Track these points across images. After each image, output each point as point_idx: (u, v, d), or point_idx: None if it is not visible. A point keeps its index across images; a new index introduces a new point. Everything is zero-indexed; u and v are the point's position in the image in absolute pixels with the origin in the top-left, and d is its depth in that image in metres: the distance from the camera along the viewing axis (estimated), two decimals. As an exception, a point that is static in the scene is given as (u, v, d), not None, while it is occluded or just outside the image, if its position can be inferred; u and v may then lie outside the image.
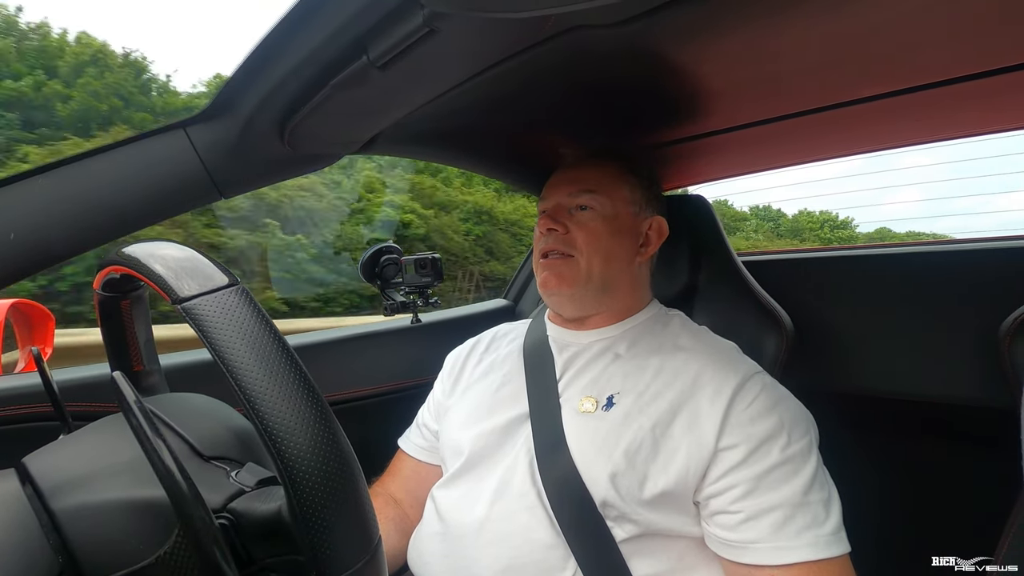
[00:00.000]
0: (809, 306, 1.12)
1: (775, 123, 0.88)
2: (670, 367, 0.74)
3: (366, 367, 1.16)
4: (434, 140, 0.98)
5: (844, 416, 0.97)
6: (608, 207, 0.81)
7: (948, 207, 62.94)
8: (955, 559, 0.77)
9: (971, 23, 0.59)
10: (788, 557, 0.59)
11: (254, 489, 0.40)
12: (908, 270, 1.07)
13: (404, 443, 0.95)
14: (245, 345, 0.34)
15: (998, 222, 31.30)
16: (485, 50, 0.61)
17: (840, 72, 0.72)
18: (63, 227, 0.68)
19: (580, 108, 0.88)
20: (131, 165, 0.71)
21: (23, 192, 0.65)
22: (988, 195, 42.10)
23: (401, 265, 1.21)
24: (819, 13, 0.57)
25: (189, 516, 0.32)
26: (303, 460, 0.32)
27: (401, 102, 0.70)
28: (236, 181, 0.79)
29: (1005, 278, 0.94)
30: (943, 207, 54.49)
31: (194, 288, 0.37)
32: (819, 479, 0.64)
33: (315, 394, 0.35)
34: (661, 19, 0.57)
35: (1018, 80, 0.69)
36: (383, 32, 0.53)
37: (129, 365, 0.56)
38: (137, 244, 0.43)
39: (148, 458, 0.32)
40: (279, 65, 0.62)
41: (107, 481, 0.39)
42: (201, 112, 0.72)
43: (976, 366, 0.97)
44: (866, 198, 16.97)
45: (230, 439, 0.46)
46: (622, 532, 0.66)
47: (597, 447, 0.69)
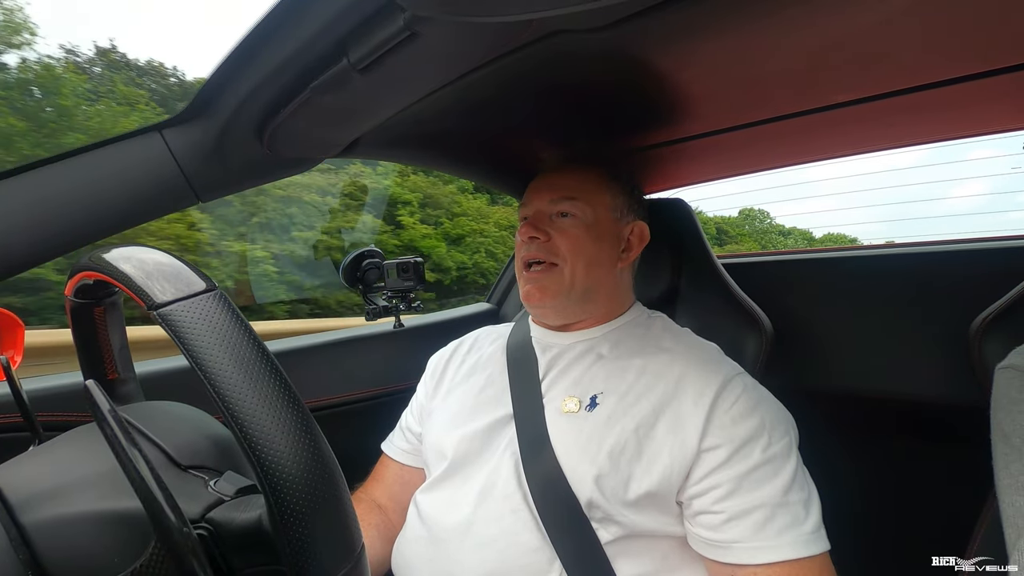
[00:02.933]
0: (788, 307, 1.14)
1: (755, 127, 0.89)
2: (653, 368, 0.74)
3: (348, 372, 1.15)
4: (416, 143, 0.98)
5: (823, 415, 0.99)
6: (590, 214, 0.82)
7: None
8: (955, 559, 0.78)
9: (942, 32, 0.61)
10: (769, 556, 0.60)
11: (233, 498, 0.40)
12: (883, 272, 1.10)
13: (387, 447, 0.94)
14: (224, 351, 0.33)
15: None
16: (467, 54, 0.61)
17: (817, 78, 0.74)
18: (34, 232, 0.66)
19: (562, 112, 0.88)
20: (105, 168, 0.69)
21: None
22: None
23: (383, 269, 1.20)
24: (796, 21, 0.59)
25: (166, 527, 0.31)
26: (283, 467, 0.32)
27: (382, 105, 0.70)
28: (214, 184, 0.78)
29: (975, 278, 0.97)
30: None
31: (170, 293, 0.36)
32: (799, 479, 0.65)
33: (295, 400, 0.34)
34: (641, 24, 0.58)
35: (988, 86, 0.72)
36: (364, 35, 0.53)
37: (103, 373, 0.54)
38: (110, 248, 0.42)
39: (123, 468, 0.32)
40: (258, 67, 0.61)
41: (79, 493, 0.38)
42: (177, 115, 0.71)
43: (949, 365, 1.00)
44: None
45: (208, 447, 0.45)
46: (607, 533, 0.66)
47: (581, 447, 0.69)
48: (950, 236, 1.15)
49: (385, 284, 1.20)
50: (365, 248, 1.20)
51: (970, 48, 0.65)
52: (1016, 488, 0.59)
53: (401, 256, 1.19)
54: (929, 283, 1.04)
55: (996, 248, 1.02)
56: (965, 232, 3.65)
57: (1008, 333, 0.80)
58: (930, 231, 24.51)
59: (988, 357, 0.81)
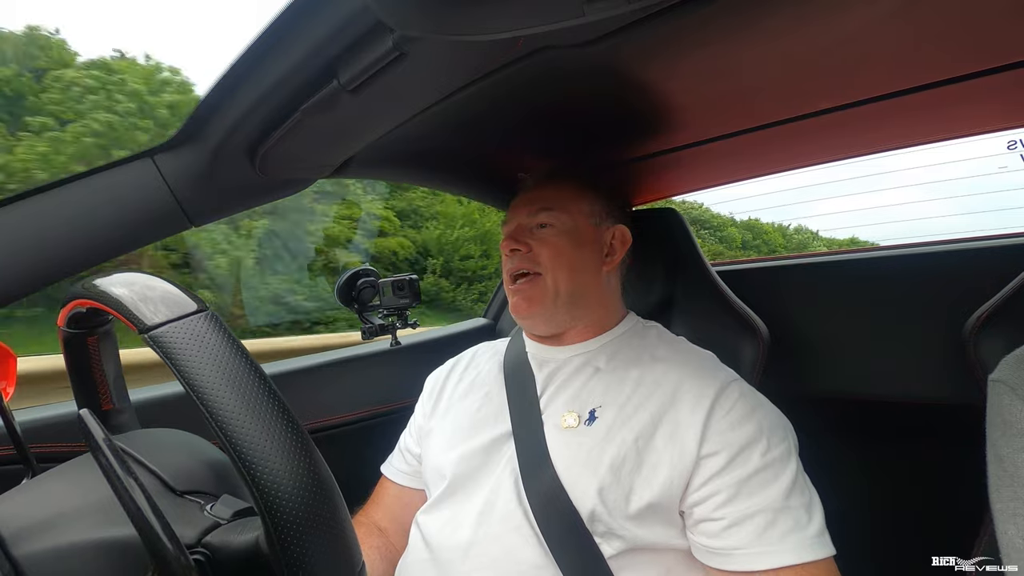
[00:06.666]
0: (784, 313, 1.14)
1: (741, 136, 0.90)
2: (649, 378, 0.74)
3: (345, 393, 1.14)
4: (407, 161, 0.99)
5: (822, 420, 0.99)
6: (567, 221, 0.83)
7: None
8: (941, 558, 0.78)
9: (928, 35, 0.62)
10: (773, 561, 0.59)
11: (229, 521, 0.39)
12: (877, 274, 1.11)
13: (387, 469, 0.94)
14: (216, 371, 0.33)
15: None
16: (455, 72, 0.62)
17: (799, 87, 0.75)
18: (30, 259, 0.66)
19: (551, 126, 0.89)
20: (98, 195, 0.69)
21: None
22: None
23: (378, 288, 1.20)
24: (780, 30, 0.60)
25: (163, 556, 0.31)
26: (278, 485, 0.31)
27: (373, 125, 0.70)
28: (206, 209, 0.78)
29: (969, 278, 0.98)
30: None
31: (161, 315, 0.36)
32: (799, 483, 0.64)
33: (289, 417, 0.34)
34: (627, 38, 0.59)
35: (976, 87, 0.73)
36: (353, 56, 0.53)
37: (98, 404, 0.54)
38: (102, 275, 0.41)
39: (118, 497, 0.31)
40: (248, 91, 0.61)
41: (73, 523, 0.37)
42: (169, 140, 0.71)
43: (946, 365, 1.00)
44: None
45: (204, 472, 0.44)
46: (610, 548, 0.65)
47: (582, 462, 0.69)
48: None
49: (381, 302, 1.20)
50: (360, 267, 1.20)
51: (956, 50, 0.66)
52: (1007, 516, 0.58)
53: (395, 274, 1.19)
54: (923, 283, 1.04)
55: (988, 247, 1.03)
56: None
57: (1003, 330, 0.81)
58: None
59: (984, 355, 0.81)
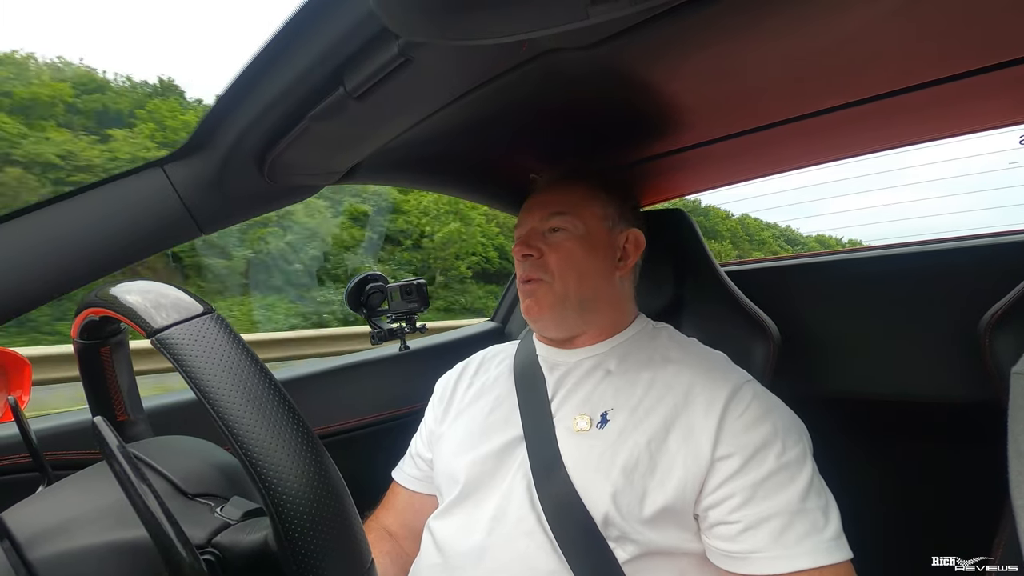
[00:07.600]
0: (794, 313, 1.13)
1: (747, 135, 0.90)
2: (661, 380, 0.73)
3: (354, 398, 1.14)
4: (414, 167, 0.99)
5: (835, 420, 0.98)
6: (580, 226, 0.82)
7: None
8: (955, 559, 0.77)
9: (932, 31, 0.62)
10: (790, 565, 0.59)
11: (239, 521, 0.39)
12: (888, 272, 1.09)
13: (398, 474, 0.93)
14: (222, 371, 0.33)
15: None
16: (461, 77, 0.62)
17: (804, 86, 0.74)
18: (45, 269, 0.67)
19: (557, 129, 0.89)
20: (109, 206, 0.70)
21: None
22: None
23: (387, 292, 1.20)
24: (784, 29, 0.59)
25: (173, 556, 0.31)
26: (285, 483, 0.31)
27: (379, 131, 0.71)
28: (216, 216, 0.79)
29: (981, 275, 0.97)
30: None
31: (168, 318, 0.36)
32: (815, 485, 0.64)
33: (295, 414, 0.34)
34: (631, 40, 0.58)
35: (982, 83, 0.72)
36: (359, 63, 0.54)
37: (112, 415, 0.54)
38: (115, 283, 0.42)
39: (131, 503, 0.31)
40: (256, 99, 0.62)
41: (87, 527, 0.38)
42: (179, 149, 0.72)
43: (960, 363, 0.98)
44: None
45: (214, 475, 0.45)
46: (624, 553, 0.65)
47: (594, 466, 0.68)
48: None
49: (389, 307, 1.21)
50: (368, 272, 1.21)
51: (961, 46, 0.66)
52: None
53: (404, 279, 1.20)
54: (935, 281, 1.03)
55: (1001, 244, 1.02)
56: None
57: (1018, 327, 0.80)
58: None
59: (999, 354, 0.80)
